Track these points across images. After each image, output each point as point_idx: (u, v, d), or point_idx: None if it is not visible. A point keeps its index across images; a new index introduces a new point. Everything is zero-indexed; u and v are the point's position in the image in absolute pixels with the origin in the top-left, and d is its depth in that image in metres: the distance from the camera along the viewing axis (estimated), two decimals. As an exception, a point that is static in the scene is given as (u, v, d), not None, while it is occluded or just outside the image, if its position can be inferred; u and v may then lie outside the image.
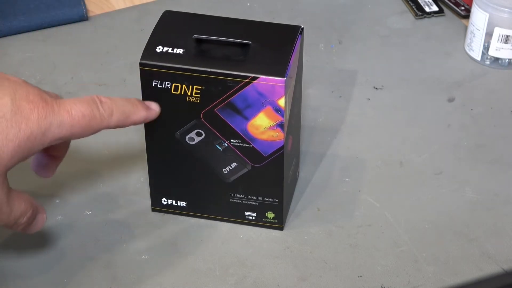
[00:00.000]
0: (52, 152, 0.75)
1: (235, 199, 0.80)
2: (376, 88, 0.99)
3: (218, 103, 0.74)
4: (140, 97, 0.75)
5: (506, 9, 0.98)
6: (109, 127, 0.71)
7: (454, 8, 1.11)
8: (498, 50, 1.00)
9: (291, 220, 0.82)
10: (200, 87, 0.73)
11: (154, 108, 0.74)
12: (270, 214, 0.80)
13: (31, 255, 0.78)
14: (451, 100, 0.97)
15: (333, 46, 1.05)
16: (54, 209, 0.83)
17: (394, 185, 0.86)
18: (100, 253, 0.78)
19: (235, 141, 0.76)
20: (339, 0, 1.13)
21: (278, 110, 0.73)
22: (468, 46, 1.03)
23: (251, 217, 0.81)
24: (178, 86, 0.74)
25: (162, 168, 0.79)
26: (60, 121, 0.67)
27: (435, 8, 1.11)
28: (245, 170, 0.78)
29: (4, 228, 0.69)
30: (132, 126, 0.93)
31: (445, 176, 0.87)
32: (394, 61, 1.03)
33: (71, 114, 0.67)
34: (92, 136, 0.91)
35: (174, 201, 0.81)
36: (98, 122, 0.69)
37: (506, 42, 0.99)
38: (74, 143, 0.91)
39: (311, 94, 0.97)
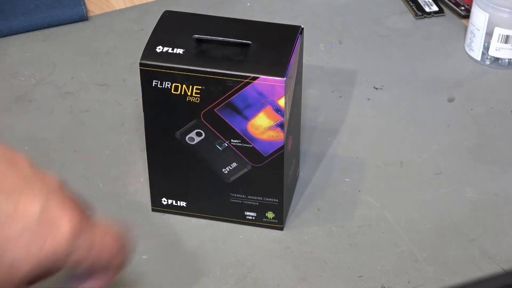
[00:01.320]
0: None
1: (235, 199, 0.80)
2: (376, 88, 0.99)
3: (218, 103, 0.74)
4: (140, 97, 0.75)
5: (506, 9, 0.98)
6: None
7: (454, 8, 1.11)
8: (498, 50, 1.00)
9: (291, 220, 0.82)
10: (200, 87, 0.73)
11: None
12: (270, 214, 0.80)
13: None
14: (451, 100, 0.97)
15: (333, 46, 1.05)
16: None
17: (394, 185, 0.86)
18: (100, 253, 0.78)
19: (235, 141, 0.76)
20: (339, 0, 1.13)
21: (278, 110, 0.73)
22: (468, 46, 1.03)
23: (251, 217, 0.81)
24: (178, 86, 0.74)
25: (162, 168, 0.79)
26: (92, 241, 0.56)
27: (435, 8, 1.11)
28: (245, 170, 0.78)
29: None
30: (131, 124, 0.93)
31: (445, 176, 0.87)
32: (394, 61, 1.03)
33: (104, 236, 0.57)
34: (92, 136, 0.91)
35: (174, 201, 0.81)
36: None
37: (506, 42, 0.99)
38: (73, 143, 0.91)
39: (311, 94, 0.97)
